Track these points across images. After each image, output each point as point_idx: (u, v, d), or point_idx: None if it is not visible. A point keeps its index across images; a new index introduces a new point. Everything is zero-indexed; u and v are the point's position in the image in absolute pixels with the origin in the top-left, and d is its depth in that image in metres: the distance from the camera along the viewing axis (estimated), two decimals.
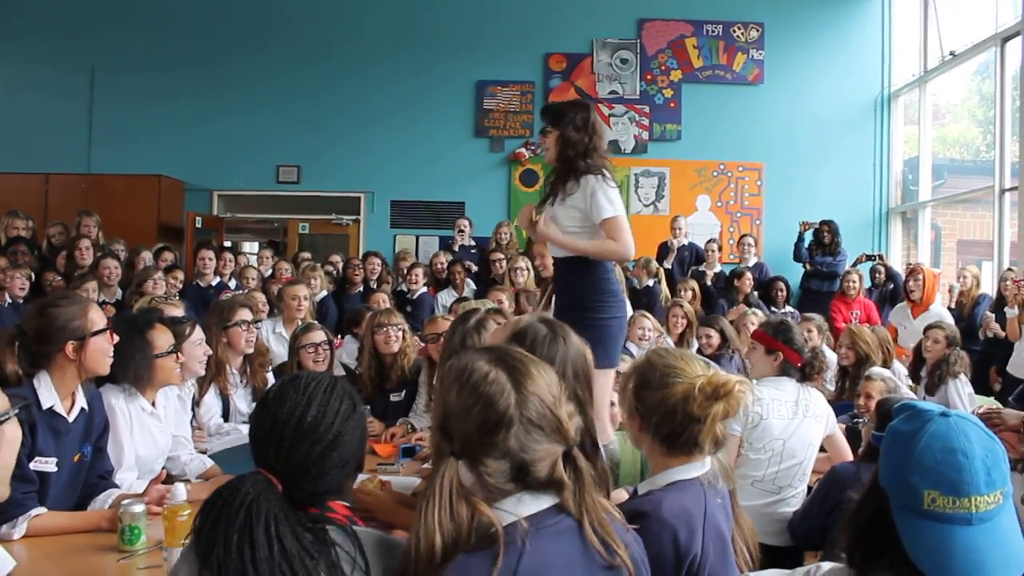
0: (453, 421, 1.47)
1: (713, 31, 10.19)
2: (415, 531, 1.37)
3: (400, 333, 4.39)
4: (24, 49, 10.14)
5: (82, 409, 2.62)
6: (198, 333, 3.44)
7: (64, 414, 2.55)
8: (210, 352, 3.59)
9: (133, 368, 2.90)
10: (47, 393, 2.51)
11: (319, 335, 4.36)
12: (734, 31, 10.18)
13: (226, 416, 4.03)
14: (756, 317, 6.07)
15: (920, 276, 6.92)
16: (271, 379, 4.27)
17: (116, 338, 2.67)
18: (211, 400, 3.97)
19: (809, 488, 3.25)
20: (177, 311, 4.32)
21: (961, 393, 4.96)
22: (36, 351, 2.51)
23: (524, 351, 1.62)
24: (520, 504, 1.43)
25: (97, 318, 2.62)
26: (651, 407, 1.87)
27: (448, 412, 1.48)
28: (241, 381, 4.16)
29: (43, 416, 2.47)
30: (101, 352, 2.61)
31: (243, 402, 4.14)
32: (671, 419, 1.84)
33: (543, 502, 1.45)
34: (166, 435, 3.10)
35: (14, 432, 1.46)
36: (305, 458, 1.51)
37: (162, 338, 3.00)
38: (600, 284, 3.38)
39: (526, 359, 1.54)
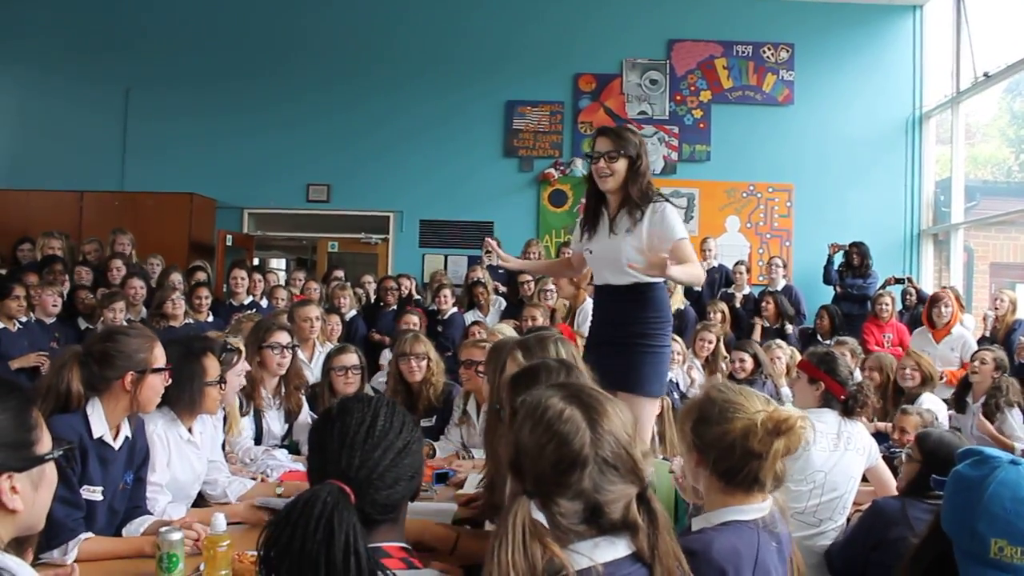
0: (526, 459, 1.44)
1: (743, 52, 10.16)
2: (487, 572, 1.34)
3: (424, 364, 4.35)
4: (59, 67, 10.26)
5: (126, 437, 2.61)
6: (243, 364, 3.45)
7: (111, 443, 2.54)
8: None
9: (189, 393, 2.89)
10: (98, 422, 2.50)
11: (351, 358, 4.34)
12: (764, 52, 10.14)
13: (259, 439, 4.00)
14: (782, 349, 6.07)
15: (950, 305, 6.79)
16: (305, 402, 4.26)
17: (170, 380, 2.66)
18: (244, 421, 3.91)
19: (848, 520, 3.21)
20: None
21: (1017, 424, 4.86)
22: (96, 374, 2.49)
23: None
24: (596, 549, 1.40)
25: (159, 356, 2.61)
26: (710, 442, 1.85)
27: (521, 449, 1.46)
28: (275, 402, 4.13)
29: (93, 445, 2.46)
30: (155, 391, 2.60)
31: (276, 424, 4.12)
32: (730, 454, 1.81)
33: (620, 549, 1.41)
34: (202, 461, 3.09)
35: (53, 473, 1.47)
36: (378, 464, 1.48)
37: (212, 367, 2.98)
38: (661, 312, 3.40)
39: (601, 396, 1.51)
